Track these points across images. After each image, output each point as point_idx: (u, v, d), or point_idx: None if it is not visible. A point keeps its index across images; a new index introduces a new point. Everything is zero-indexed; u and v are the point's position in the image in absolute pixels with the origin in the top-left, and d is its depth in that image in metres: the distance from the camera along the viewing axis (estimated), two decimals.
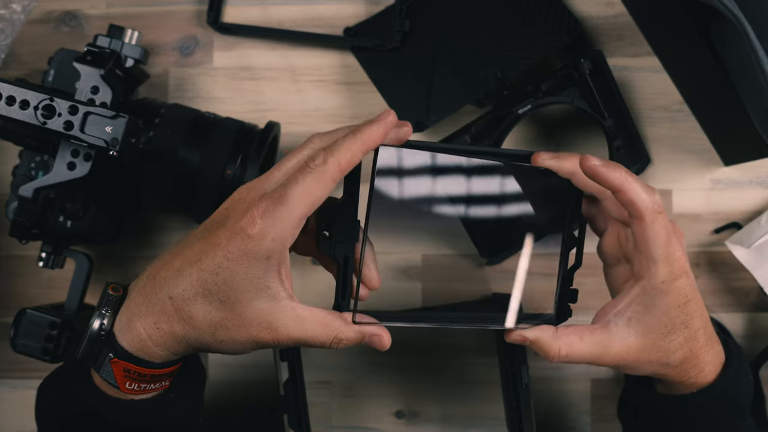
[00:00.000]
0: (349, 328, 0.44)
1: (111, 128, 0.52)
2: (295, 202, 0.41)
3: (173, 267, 0.43)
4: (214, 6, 0.67)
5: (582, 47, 0.66)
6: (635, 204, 0.44)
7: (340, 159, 0.41)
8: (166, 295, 0.43)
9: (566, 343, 0.46)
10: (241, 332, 0.42)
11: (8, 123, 0.53)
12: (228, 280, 0.41)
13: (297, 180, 0.41)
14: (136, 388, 0.45)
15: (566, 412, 0.67)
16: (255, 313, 0.42)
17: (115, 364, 0.44)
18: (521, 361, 0.59)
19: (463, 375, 0.67)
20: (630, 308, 0.46)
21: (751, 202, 0.66)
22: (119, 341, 0.44)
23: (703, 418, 0.49)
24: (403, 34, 0.65)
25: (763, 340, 0.65)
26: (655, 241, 0.45)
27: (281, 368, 0.62)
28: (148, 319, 0.43)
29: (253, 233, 0.41)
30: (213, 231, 0.43)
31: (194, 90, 0.68)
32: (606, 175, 0.44)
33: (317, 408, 0.67)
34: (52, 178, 0.55)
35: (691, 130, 0.66)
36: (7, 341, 0.58)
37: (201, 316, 0.42)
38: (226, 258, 0.41)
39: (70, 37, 0.69)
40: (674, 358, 0.47)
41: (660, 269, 0.45)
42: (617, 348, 0.46)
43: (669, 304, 0.45)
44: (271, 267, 0.42)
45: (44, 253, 0.60)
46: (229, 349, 0.44)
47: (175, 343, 0.44)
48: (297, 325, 0.42)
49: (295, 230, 0.42)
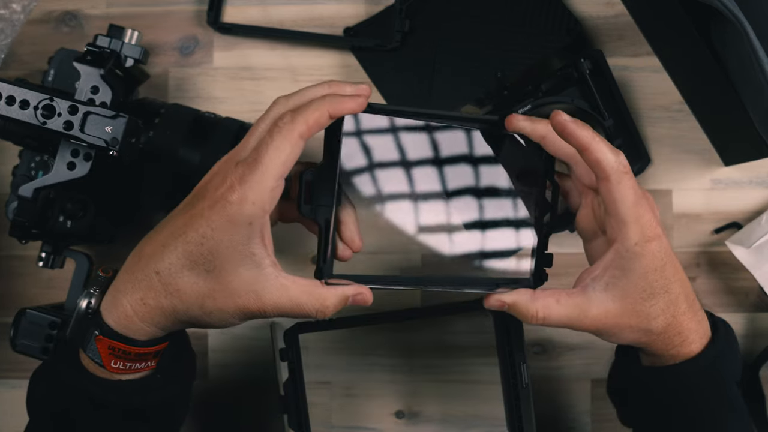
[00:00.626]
0: (332, 294, 0.44)
1: (111, 128, 0.52)
2: (268, 163, 0.42)
3: (158, 242, 0.44)
4: (214, 6, 0.67)
5: (582, 47, 0.66)
6: (601, 163, 0.44)
7: (308, 117, 0.42)
8: (152, 270, 0.43)
9: (543, 305, 0.46)
10: (228, 302, 0.43)
11: (8, 123, 0.53)
12: (213, 250, 0.42)
13: (267, 142, 0.42)
14: (121, 366, 0.45)
15: (566, 412, 0.67)
16: (241, 282, 0.43)
17: (99, 342, 0.45)
18: (521, 361, 0.59)
19: (463, 375, 0.67)
20: (607, 273, 0.46)
21: (752, 202, 0.66)
22: (105, 319, 0.45)
23: (688, 390, 0.49)
24: (403, 34, 0.65)
25: (764, 340, 0.65)
26: (623, 201, 0.45)
27: (281, 368, 0.63)
28: (135, 295, 0.44)
29: (233, 199, 0.41)
30: (194, 203, 0.44)
31: (194, 90, 0.68)
32: (574, 131, 0.44)
33: (317, 408, 0.67)
34: (52, 178, 0.55)
35: (691, 130, 0.66)
36: (7, 341, 0.58)
37: (188, 288, 0.43)
38: (209, 227, 0.42)
39: (70, 37, 0.69)
40: (656, 324, 0.47)
41: (631, 230, 0.45)
42: (595, 312, 0.46)
43: (645, 267, 0.45)
44: (254, 233, 0.42)
45: (44, 253, 0.60)
46: (218, 321, 0.44)
47: (163, 318, 0.44)
48: (282, 294, 0.43)
49: (273, 192, 0.42)
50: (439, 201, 0.49)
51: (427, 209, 0.49)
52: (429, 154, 0.49)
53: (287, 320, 0.66)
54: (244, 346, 0.68)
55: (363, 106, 0.44)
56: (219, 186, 0.42)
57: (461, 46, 0.64)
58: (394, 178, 0.48)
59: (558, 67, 0.63)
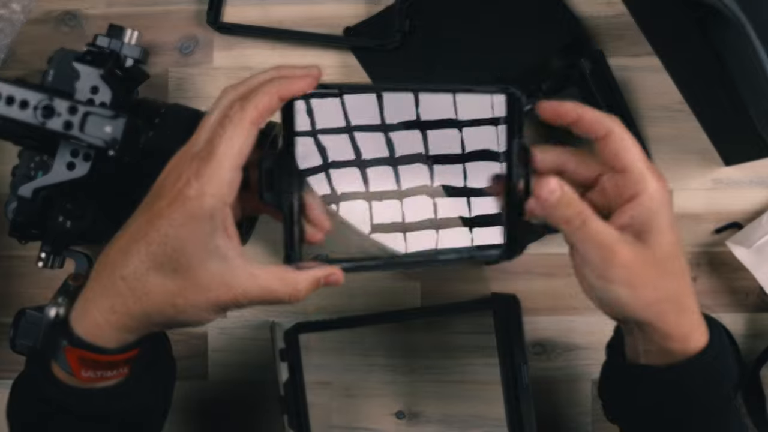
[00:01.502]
0: (302, 278, 0.44)
1: (110, 128, 0.52)
2: (222, 154, 0.41)
3: (120, 248, 0.43)
4: (214, 6, 0.67)
5: (582, 47, 0.66)
6: (601, 122, 0.45)
7: (257, 103, 0.42)
8: (117, 276, 0.43)
9: (590, 209, 0.45)
10: (200, 297, 0.42)
11: (8, 123, 0.53)
12: (177, 248, 0.41)
13: (219, 133, 0.42)
14: (92, 375, 0.45)
15: (566, 412, 0.67)
16: (209, 275, 0.42)
17: (69, 352, 0.44)
18: (521, 361, 0.59)
19: (463, 375, 0.67)
20: (635, 222, 0.45)
21: (752, 202, 0.66)
22: (75, 329, 0.44)
23: (688, 389, 0.48)
24: (404, 34, 0.65)
25: (764, 341, 0.65)
26: (632, 151, 0.45)
27: (281, 368, 0.63)
28: (103, 303, 0.43)
29: (191, 194, 0.41)
30: (152, 204, 0.43)
31: (194, 90, 0.68)
32: (561, 107, 0.45)
33: (317, 408, 0.67)
34: (52, 178, 0.55)
35: (692, 129, 0.66)
36: (7, 341, 0.58)
37: (157, 290, 0.42)
38: (170, 226, 0.41)
39: (70, 37, 0.69)
40: (674, 286, 0.46)
41: (648, 179, 0.44)
42: (626, 253, 0.44)
43: (669, 217, 0.45)
44: (216, 226, 0.42)
45: (44, 253, 0.60)
46: (192, 318, 0.44)
47: (135, 322, 0.44)
48: (252, 282, 0.43)
49: (231, 184, 0.42)
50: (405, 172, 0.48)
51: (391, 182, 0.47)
52: (383, 121, 0.47)
53: (287, 320, 0.67)
54: (244, 346, 0.68)
55: (312, 85, 0.43)
56: (175, 182, 0.42)
57: (461, 46, 0.64)
58: (354, 157, 0.47)
59: (558, 67, 0.63)
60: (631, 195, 0.45)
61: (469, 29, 0.64)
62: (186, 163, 0.42)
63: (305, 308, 0.68)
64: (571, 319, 0.66)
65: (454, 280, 0.67)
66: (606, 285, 0.45)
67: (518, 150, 0.48)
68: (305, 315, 0.67)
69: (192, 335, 0.68)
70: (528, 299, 0.66)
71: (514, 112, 0.48)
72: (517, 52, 0.63)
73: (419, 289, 0.67)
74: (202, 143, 0.43)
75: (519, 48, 0.63)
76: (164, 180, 0.43)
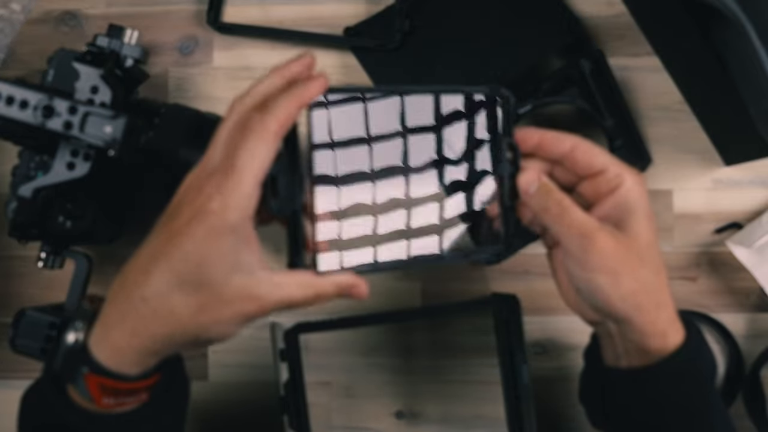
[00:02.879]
0: (326, 282, 0.44)
1: (110, 128, 0.52)
2: (244, 167, 0.40)
3: (139, 268, 0.42)
4: (214, 6, 0.67)
5: (582, 47, 0.66)
6: (563, 140, 0.47)
7: (278, 115, 0.41)
8: (138, 298, 0.41)
9: (569, 198, 0.46)
10: (224, 311, 0.41)
11: (8, 123, 0.53)
12: (200, 263, 0.40)
13: (240, 146, 0.41)
14: (112, 402, 0.44)
15: (566, 412, 0.67)
16: (234, 289, 0.41)
17: (89, 379, 0.43)
18: (521, 361, 0.59)
19: (463, 375, 0.67)
20: (614, 212, 0.46)
21: (752, 202, 0.66)
22: (95, 355, 0.43)
23: (669, 390, 0.47)
24: (404, 33, 0.65)
25: (764, 341, 0.65)
26: (602, 154, 0.47)
27: (281, 368, 0.63)
28: (124, 327, 0.42)
29: (214, 208, 0.40)
30: (171, 223, 0.42)
31: (194, 90, 0.68)
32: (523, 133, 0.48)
33: (317, 408, 0.67)
34: (52, 178, 0.55)
35: (692, 129, 0.66)
36: (7, 341, 0.58)
37: (181, 309, 0.41)
38: (192, 242, 0.40)
39: (70, 37, 0.69)
40: (651, 280, 0.46)
41: (626, 174, 0.46)
42: (605, 239, 0.45)
43: (646, 209, 0.46)
44: (239, 240, 0.41)
45: (44, 253, 0.60)
46: (216, 333, 0.42)
47: (158, 345, 0.43)
48: (277, 292, 0.42)
49: (252, 197, 0.41)
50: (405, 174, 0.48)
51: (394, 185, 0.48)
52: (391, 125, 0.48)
53: (287, 320, 0.67)
54: (244, 346, 0.68)
55: (325, 87, 0.43)
56: (195, 199, 0.41)
57: (461, 46, 0.64)
58: (356, 158, 0.47)
59: (558, 67, 0.63)
60: (610, 189, 0.47)
61: (469, 29, 0.64)
62: (204, 179, 0.41)
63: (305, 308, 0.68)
64: (571, 319, 0.66)
65: (454, 280, 0.67)
66: (587, 274, 0.46)
67: (507, 150, 0.48)
68: (305, 315, 0.67)
69: None
70: (528, 299, 0.66)
71: (505, 112, 0.48)
72: (517, 52, 0.63)
73: (419, 289, 0.67)
74: (219, 157, 0.42)
75: (519, 48, 0.63)
76: (182, 198, 0.42)
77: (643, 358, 0.47)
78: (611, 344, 0.49)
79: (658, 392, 0.47)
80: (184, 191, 0.43)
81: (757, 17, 0.47)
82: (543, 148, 0.48)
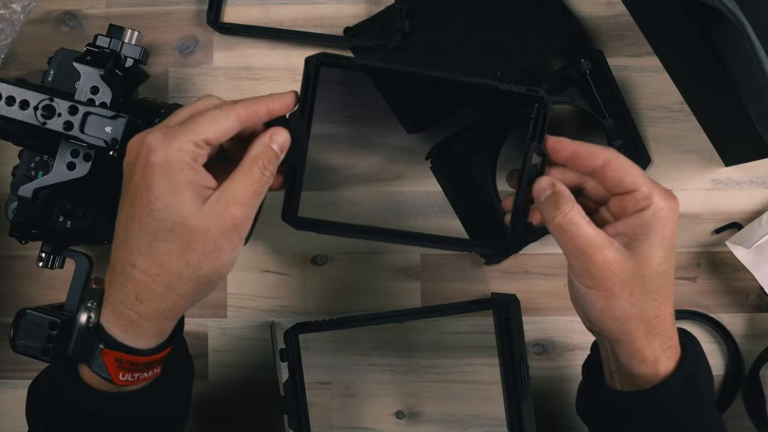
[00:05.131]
0: (258, 146, 0.45)
1: (111, 128, 0.52)
2: (200, 123, 0.43)
3: (120, 241, 0.44)
4: (214, 6, 0.67)
5: (582, 47, 0.66)
6: (596, 155, 0.46)
7: (248, 106, 0.44)
8: (128, 266, 0.43)
9: (580, 218, 0.45)
10: (207, 240, 0.43)
11: (8, 123, 0.53)
12: (162, 208, 0.42)
13: (201, 113, 0.44)
14: (129, 378, 0.45)
15: (566, 412, 0.67)
16: (201, 215, 0.43)
17: (106, 355, 0.44)
18: (521, 361, 0.59)
19: (463, 375, 0.67)
20: (630, 231, 0.46)
21: (752, 202, 0.66)
22: (109, 332, 0.44)
23: (664, 415, 0.47)
24: (403, 34, 0.65)
25: (764, 341, 0.65)
26: (636, 173, 0.46)
27: (281, 368, 0.63)
28: (128, 298, 0.44)
29: (158, 151, 0.42)
30: (127, 187, 0.44)
31: (194, 90, 0.68)
32: (558, 142, 0.47)
33: (317, 408, 0.67)
34: (52, 178, 0.55)
35: (692, 130, 0.66)
36: (7, 341, 0.58)
37: (166, 258, 0.43)
38: (148, 190, 0.42)
39: (70, 37, 0.69)
40: (652, 307, 0.45)
41: (656, 196, 0.45)
42: (610, 254, 0.45)
43: (667, 236, 0.45)
44: (190, 177, 0.43)
45: (44, 253, 0.60)
46: (213, 264, 0.44)
47: (164, 304, 0.44)
48: (235, 190, 0.43)
49: (199, 149, 0.43)
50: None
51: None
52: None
53: (287, 320, 0.67)
54: (244, 346, 0.68)
55: (291, 106, 0.47)
56: (140, 154, 0.43)
57: (461, 46, 0.64)
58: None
59: (558, 67, 0.63)
60: (635, 210, 0.46)
61: (468, 29, 0.64)
62: (149, 135, 0.43)
63: (305, 308, 0.68)
64: (571, 319, 0.67)
65: (454, 280, 0.67)
66: (585, 288, 0.46)
67: (536, 153, 0.48)
68: (305, 315, 0.68)
69: (192, 336, 0.68)
70: (528, 299, 0.66)
71: (539, 115, 0.48)
72: (517, 52, 0.63)
73: (419, 289, 0.67)
74: (177, 120, 0.44)
75: (519, 48, 0.63)
76: (127, 161, 0.44)
77: (632, 383, 0.47)
78: (606, 358, 0.49)
79: (648, 418, 0.47)
80: (129, 152, 0.45)
81: (756, 18, 0.47)
82: (574, 161, 0.47)
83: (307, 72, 0.47)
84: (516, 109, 0.58)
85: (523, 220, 0.49)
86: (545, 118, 0.48)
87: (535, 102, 0.48)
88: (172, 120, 0.45)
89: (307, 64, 0.47)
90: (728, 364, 0.66)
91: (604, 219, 0.48)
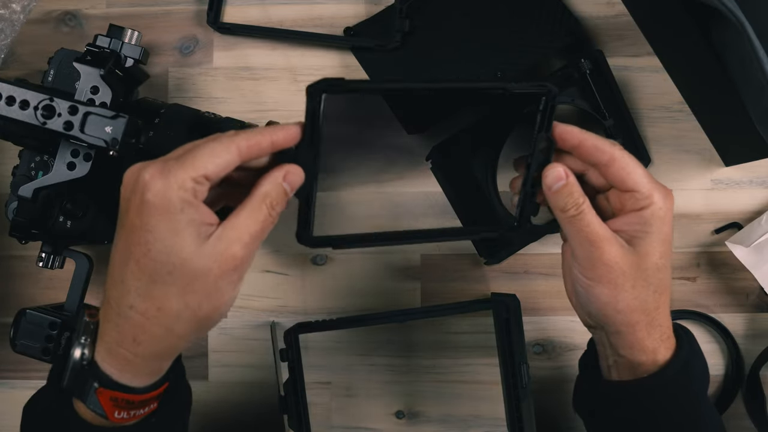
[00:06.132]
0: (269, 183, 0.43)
1: (111, 128, 0.52)
2: (199, 157, 0.40)
3: (114, 280, 0.42)
4: (214, 6, 0.67)
5: (582, 47, 0.66)
6: (602, 149, 0.46)
7: (249, 138, 0.41)
8: (125, 307, 0.41)
9: (589, 206, 0.46)
10: (208, 281, 0.41)
11: (8, 123, 0.53)
12: (161, 250, 0.40)
13: (199, 146, 0.41)
14: (125, 416, 0.44)
15: (566, 412, 0.67)
16: (205, 258, 0.40)
17: (101, 394, 0.43)
18: (521, 361, 0.59)
19: (463, 375, 0.67)
20: (631, 229, 0.47)
21: (752, 202, 0.66)
22: (104, 370, 0.43)
23: (659, 404, 0.48)
24: (404, 34, 0.65)
25: (764, 341, 0.65)
26: (638, 172, 0.46)
27: (281, 368, 0.63)
28: (125, 339, 0.42)
29: (156, 190, 0.39)
30: (124, 222, 0.41)
31: (194, 90, 0.68)
32: (566, 131, 0.47)
33: (317, 408, 0.67)
34: (52, 178, 0.55)
35: (692, 130, 0.66)
36: (7, 341, 0.58)
37: (165, 300, 0.41)
38: (146, 231, 0.40)
39: (70, 37, 0.69)
40: (652, 299, 0.47)
41: (656, 196, 0.46)
42: (615, 250, 0.46)
43: (665, 233, 0.46)
44: (191, 216, 0.40)
45: (44, 253, 0.60)
46: (213, 304, 0.42)
47: (161, 346, 0.43)
48: (236, 231, 0.41)
49: (199, 185, 0.40)
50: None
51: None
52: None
53: (287, 320, 0.67)
54: (244, 346, 0.68)
55: (296, 138, 0.43)
56: (135, 190, 0.40)
57: (461, 46, 0.64)
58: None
59: (558, 67, 0.63)
60: (635, 208, 0.47)
61: (468, 29, 0.64)
62: (144, 170, 0.41)
63: (305, 308, 0.68)
64: (571, 319, 0.67)
65: (454, 280, 0.67)
66: (589, 281, 0.47)
67: (543, 144, 0.48)
68: (305, 315, 0.67)
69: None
70: (528, 299, 0.66)
71: (546, 107, 0.48)
72: (517, 52, 0.63)
73: (419, 289, 0.67)
74: (177, 154, 0.42)
75: (519, 48, 0.63)
76: (125, 192, 0.42)
77: (631, 372, 0.48)
78: (604, 353, 0.50)
79: (646, 405, 0.48)
80: (124, 187, 0.42)
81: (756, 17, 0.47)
82: (581, 153, 0.47)
83: (311, 104, 0.44)
84: (523, 108, 0.58)
85: (532, 202, 0.50)
86: (553, 109, 0.48)
87: (543, 96, 0.48)
88: (174, 153, 0.42)
89: (309, 95, 0.44)
90: (728, 364, 0.66)
91: (602, 207, 0.49)
